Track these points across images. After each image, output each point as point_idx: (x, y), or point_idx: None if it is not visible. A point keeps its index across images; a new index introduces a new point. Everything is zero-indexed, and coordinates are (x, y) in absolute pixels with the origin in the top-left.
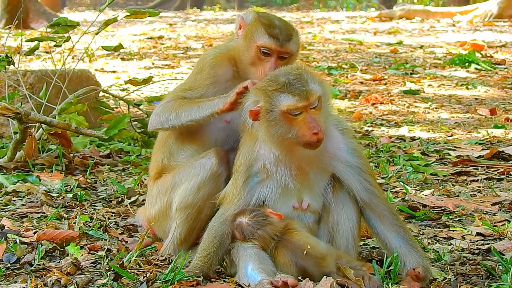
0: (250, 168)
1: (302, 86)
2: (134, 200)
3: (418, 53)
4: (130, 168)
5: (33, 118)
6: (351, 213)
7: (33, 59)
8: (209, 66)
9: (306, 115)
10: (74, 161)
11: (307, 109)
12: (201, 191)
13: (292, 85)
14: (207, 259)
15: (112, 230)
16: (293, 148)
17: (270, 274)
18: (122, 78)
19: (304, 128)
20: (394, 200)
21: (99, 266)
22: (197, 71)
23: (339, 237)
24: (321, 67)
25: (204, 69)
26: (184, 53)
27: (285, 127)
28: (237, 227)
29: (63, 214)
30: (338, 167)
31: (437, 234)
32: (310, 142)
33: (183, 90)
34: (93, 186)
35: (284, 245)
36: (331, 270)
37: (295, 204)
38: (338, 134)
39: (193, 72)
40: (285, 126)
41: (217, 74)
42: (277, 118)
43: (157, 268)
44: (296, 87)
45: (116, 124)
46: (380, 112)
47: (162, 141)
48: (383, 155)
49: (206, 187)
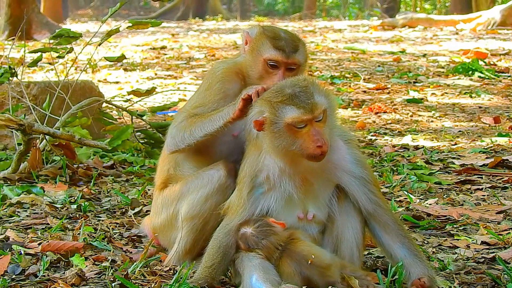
0: (255, 178)
1: (307, 99)
2: (138, 211)
3: (421, 62)
4: (133, 179)
5: (36, 130)
6: (356, 223)
7: (36, 70)
8: (218, 81)
9: (310, 128)
10: (78, 172)
11: (312, 122)
12: (208, 202)
13: (298, 97)
14: (212, 269)
15: (116, 241)
16: (297, 160)
17: (275, 284)
18: (125, 89)
19: (308, 140)
20: (398, 210)
21: (103, 277)
22: (206, 87)
23: (344, 246)
24: (324, 76)
25: (213, 85)
26: (186, 63)
27: (289, 139)
28: (242, 237)
29: (67, 225)
30: (342, 177)
31: (441, 243)
32: (313, 154)
33: (193, 107)
34: (97, 197)
35: (289, 255)
36: (336, 280)
37: (300, 215)
38: (343, 145)
39: (201, 88)
40: (289, 138)
41: (226, 89)
42: (282, 130)
43: (162, 278)
44: (301, 100)
45: (119, 135)
46: (384, 121)
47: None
48: (387, 164)
49: (214, 198)
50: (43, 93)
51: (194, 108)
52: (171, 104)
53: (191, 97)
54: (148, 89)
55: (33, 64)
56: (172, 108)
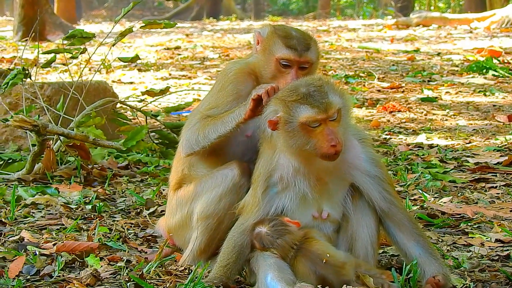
0: (269, 178)
1: (322, 98)
2: (153, 211)
3: (435, 60)
4: (148, 179)
5: (51, 130)
6: (370, 222)
7: (50, 71)
8: (231, 82)
9: (325, 127)
10: (92, 173)
11: (326, 121)
12: (222, 201)
13: (312, 96)
14: (227, 269)
15: (131, 241)
16: (312, 159)
17: (290, 283)
18: (139, 89)
19: (322, 140)
20: (413, 208)
21: (118, 277)
22: (219, 88)
23: (358, 245)
24: (338, 75)
25: (225, 86)
26: (201, 63)
27: (304, 139)
28: (256, 236)
29: (82, 226)
30: (357, 176)
31: (456, 241)
32: (328, 154)
33: (206, 109)
34: (111, 197)
35: (303, 254)
36: (351, 278)
37: (314, 214)
38: (357, 144)
39: (214, 89)
40: (303, 138)
41: (239, 90)
42: (296, 129)
43: (177, 278)
44: (315, 99)
45: (134, 135)
46: (398, 120)
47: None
48: (401, 163)
49: (228, 197)
50: (57, 94)
51: (207, 110)
52: (185, 104)
53: (204, 99)
54: (162, 89)
55: (46, 65)
56: (186, 108)
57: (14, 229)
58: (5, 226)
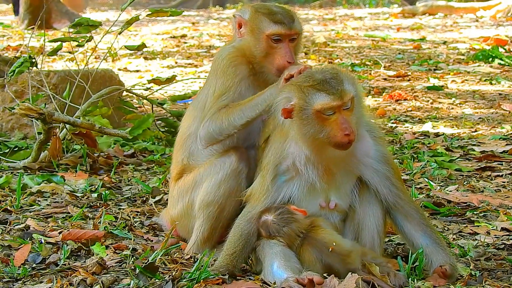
0: (279, 166)
1: (337, 85)
2: (159, 199)
3: (442, 49)
4: (154, 167)
5: (57, 119)
6: (377, 211)
7: (56, 59)
8: (229, 66)
9: (339, 115)
10: (98, 161)
11: (340, 110)
12: (222, 188)
13: (328, 83)
14: (233, 257)
15: (137, 229)
16: (323, 148)
17: (296, 271)
18: (145, 77)
19: (336, 128)
20: (419, 197)
21: (124, 266)
22: (220, 74)
23: (365, 234)
24: (344, 64)
25: (226, 70)
26: (207, 51)
27: (318, 127)
28: (263, 224)
29: (88, 214)
30: (365, 172)
31: (462, 230)
32: (341, 143)
33: (217, 98)
34: (117, 185)
35: (310, 243)
36: (357, 267)
37: (322, 204)
38: (370, 140)
39: (213, 76)
40: (317, 126)
41: (240, 71)
42: (310, 117)
43: (183, 266)
44: (331, 85)
45: (140, 124)
46: (404, 108)
47: (181, 141)
48: (407, 151)
49: (227, 184)
50: (63, 82)
51: (218, 98)
52: (192, 92)
53: (203, 89)
54: (169, 77)
55: (53, 53)
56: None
57: (19, 217)
58: (11, 214)
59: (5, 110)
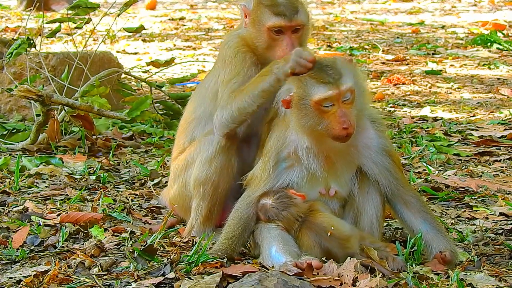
0: (280, 153)
1: (336, 77)
2: (157, 182)
3: (440, 33)
4: (152, 150)
5: (55, 101)
6: (376, 196)
7: (54, 41)
8: (238, 52)
9: (337, 108)
10: (96, 143)
11: (339, 102)
12: (212, 165)
13: (326, 74)
14: (232, 241)
15: (136, 212)
16: (323, 139)
17: (294, 255)
18: (144, 60)
19: (334, 122)
20: (417, 181)
21: (123, 248)
22: (228, 61)
23: (364, 218)
24: (343, 48)
25: (234, 57)
26: (205, 34)
27: (316, 119)
28: (261, 208)
29: (86, 196)
30: (366, 163)
31: (460, 215)
32: (339, 136)
33: (227, 83)
34: (116, 168)
35: (308, 227)
36: (355, 251)
37: (322, 191)
38: (372, 132)
39: (221, 61)
40: (316, 118)
41: (248, 58)
42: (309, 108)
43: (181, 249)
44: (329, 76)
45: (138, 106)
46: (402, 92)
47: (184, 126)
48: (406, 135)
49: (217, 160)
50: (62, 64)
51: (227, 83)
52: (191, 75)
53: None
54: (167, 60)
55: (51, 35)
56: (191, 79)
57: (18, 199)
58: (9, 196)
59: (4, 92)
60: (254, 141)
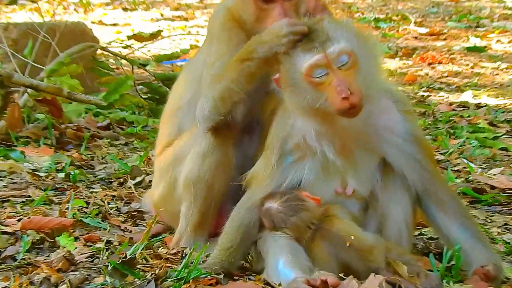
0: (285, 144)
1: (321, 37)
2: (140, 181)
3: (485, 2)
4: (134, 142)
5: (16, 81)
6: (404, 198)
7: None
8: (223, 29)
9: (333, 76)
10: (66, 134)
11: (332, 68)
12: (206, 160)
13: (310, 37)
14: (230, 252)
15: (113, 217)
16: (332, 119)
17: (306, 270)
18: (124, 32)
19: (332, 93)
20: (456, 181)
21: (97, 261)
22: (214, 40)
23: (390, 225)
24: (366, 19)
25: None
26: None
27: (312, 95)
28: (266, 213)
29: (53, 198)
30: (390, 152)
31: (507, 222)
32: (342, 109)
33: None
34: (89, 164)
35: (323, 236)
36: (379, 265)
37: (337, 189)
38: (397, 114)
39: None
40: (310, 93)
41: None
42: (301, 83)
43: (168, 263)
44: (314, 39)
45: (117, 87)
46: (439, 73)
47: (170, 113)
48: (442, 126)
49: (212, 156)
50: (25, 37)
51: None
52: (181, 51)
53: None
54: (153, 33)
55: (12, 2)
56: (182, 56)
57: None
58: None
59: None
60: (257, 131)
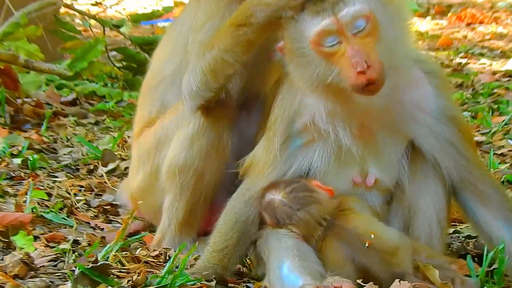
0: (292, 124)
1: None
2: (113, 168)
3: None
4: (106, 121)
5: None
6: (436, 190)
7: None
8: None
9: (347, 45)
10: (23, 110)
11: (345, 35)
12: (195, 145)
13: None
14: (223, 254)
15: (81, 212)
16: (347, 96)
17: (316, 276)
18: None
19: (345, 66)
20: (500, 167)
21: (61, 265)
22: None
23: (419, 222)
24: None
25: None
26: None
27: (321, 67)
28: (267, 207)
29: (7, 189)
30: (419, 134)
31: None
32: (357, 86)
33: (197, 32)
34: (52, 147)
35: (336, 234)
36: (405, 270)
37: (356, 179)
38: (428, 87)
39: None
40: (320, 65)
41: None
42: (309, 54)
43: (148, 267)
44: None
45: (84, 53)
46: (479, 36)
47: (151, 87)
48: (484, 100)
49: (202, 139)
50: None
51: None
52: (163, 9)
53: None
54: None
55: None
56: (165, 15)
57: None
58: None
59: None
60: (257, 108)
